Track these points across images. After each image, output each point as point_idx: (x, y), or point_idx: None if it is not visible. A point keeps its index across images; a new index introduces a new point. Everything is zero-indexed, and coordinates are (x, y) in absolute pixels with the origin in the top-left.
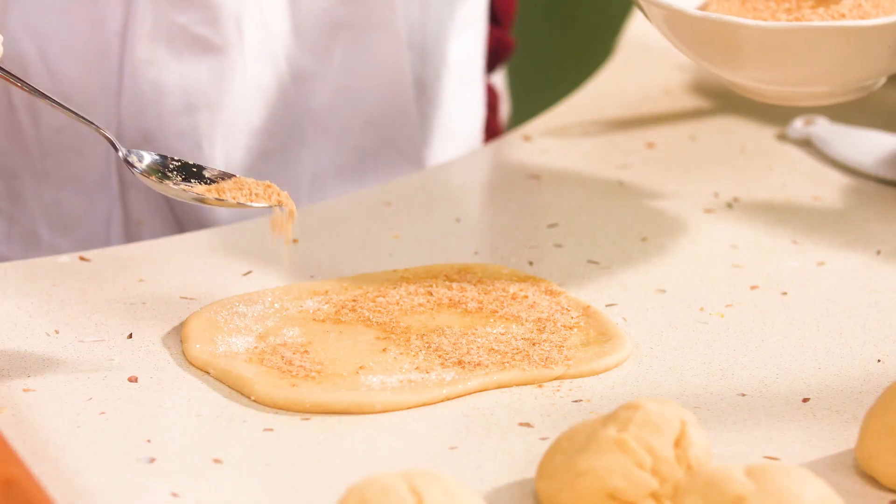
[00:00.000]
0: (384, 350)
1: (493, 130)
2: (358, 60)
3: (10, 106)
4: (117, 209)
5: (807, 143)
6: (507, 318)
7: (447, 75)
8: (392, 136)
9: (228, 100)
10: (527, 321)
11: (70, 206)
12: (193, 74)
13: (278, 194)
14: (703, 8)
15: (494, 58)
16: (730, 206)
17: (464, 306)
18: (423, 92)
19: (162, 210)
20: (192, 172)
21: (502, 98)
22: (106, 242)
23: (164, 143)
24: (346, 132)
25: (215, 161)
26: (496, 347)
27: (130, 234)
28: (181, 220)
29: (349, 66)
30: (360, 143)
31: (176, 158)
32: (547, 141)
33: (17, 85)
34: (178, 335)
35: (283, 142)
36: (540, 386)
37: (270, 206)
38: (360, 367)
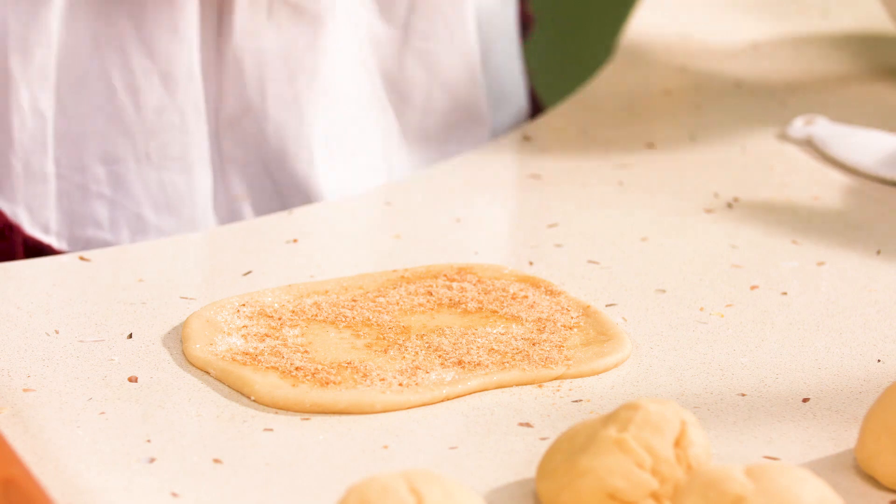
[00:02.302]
0: (384, 350)
1: (531, 96)
2: (432, 25)
3: (110, 89)
4: (220, 186)
5: (807, 143)
6: (507, 318)
7: (501, 41)
8: (464, 99)
9: (324, 67)
10: (527, 321)
11: (174, 185)
12: (292, 42)
13: None
14: None
15: (521, 31)
16: (730, 206)
17: (464, 306)
18: (483, 56)
19: (264, 186)
20: None
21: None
22: (210, 220)
23: (264, 112)
24: (424, 97)
25: (314, 130)
26: (496, 347)
27: (233, 211)
28: (283, 194)
29: (425, 30)
30: (438, 107)
31: None
32: (547, 141)
33: None
34: (178, 335)
35: (369, 108)
36: (540, 386)
37: None
38: (360, 367)
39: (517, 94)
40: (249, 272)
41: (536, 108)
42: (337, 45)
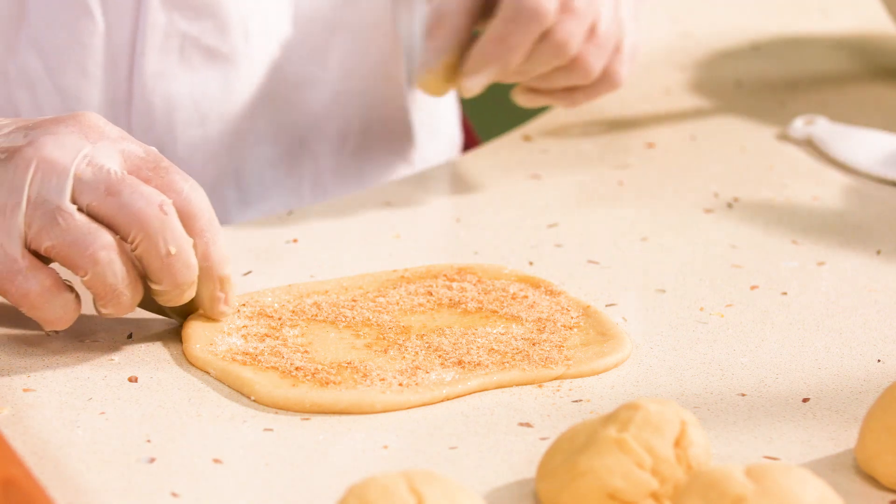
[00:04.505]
0: (384, 350)
1: (465, 126)
2: (355, 63)
3: None
4: None
5: (807, 143)
6: (507, 318)
7: None
8: (388, 137)
9: (237, 109)
10: (527, 321)
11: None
12: (203, 85)
13: None
14: None
15: None
16: (730, 206)
17: (464, 306)
18: (411, 92)
19: None
20: None
21: None
22: None
23: (174, 155)
24: (345, 135)
25: (224, 172)
26: (496, 347)
27: None
28: None
29: (347, 68)
30: (359, 145)
31: None
32: (547, 141)
33: None
34: (178, 335)
35: (286, 148)
36: (540, 386)
37: None
38: (360, 367)
39: (449, 128)
40: (249, 272)
41: (470, 139)
42: (252, 86)
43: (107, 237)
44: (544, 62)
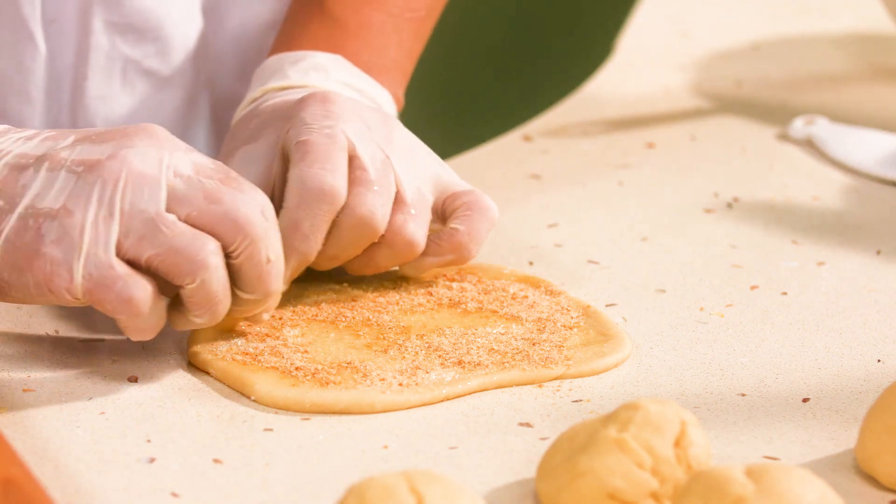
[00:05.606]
0: (384, 350)
1: None
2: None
3: None
4: None
5: (807, 143)
6: (507, 318)
7: None
8: None
9: (176, 130)
10: (527, 321)
11: None
12: (143, 107)
13: None
14: None
15: None
16: (730, 206)
17: (464, 306)
18: None
19: None
20: None
21: None
22: None
23: None
24: None
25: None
26: (496, 347)
27: None
28: None
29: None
30: None
31: None
32: (547, 141)
33: None
34: (178, 335)
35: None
36: (540, 386)
37: None
38: (360, 367)
39: None
40: None
41: None
42: (190, 107)
43: (213, 242)
44: (353, 242)
